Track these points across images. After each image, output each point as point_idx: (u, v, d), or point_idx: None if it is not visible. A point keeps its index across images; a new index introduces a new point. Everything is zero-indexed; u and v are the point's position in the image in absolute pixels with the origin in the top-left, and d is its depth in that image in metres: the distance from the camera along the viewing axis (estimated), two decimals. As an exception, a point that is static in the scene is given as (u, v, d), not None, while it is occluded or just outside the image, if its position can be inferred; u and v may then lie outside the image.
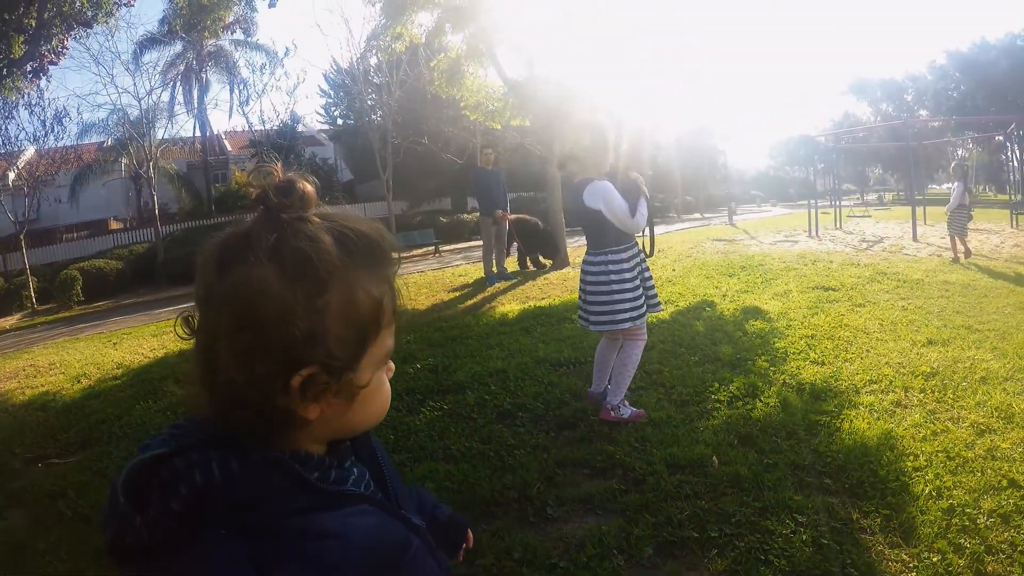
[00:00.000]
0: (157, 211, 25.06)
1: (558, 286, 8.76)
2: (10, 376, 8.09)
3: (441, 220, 26.96)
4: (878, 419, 3.46)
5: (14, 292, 23.40)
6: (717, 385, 4.02)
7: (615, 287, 3.58)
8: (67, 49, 9.56)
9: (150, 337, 9.71)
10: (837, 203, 16.06)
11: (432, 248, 22.09)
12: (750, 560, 2.34)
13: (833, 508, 2.64)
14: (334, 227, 0.76)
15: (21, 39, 8.50)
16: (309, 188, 0.78)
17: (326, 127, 35.60)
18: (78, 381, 7.05)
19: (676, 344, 5.12)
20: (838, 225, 14.24)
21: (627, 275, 3.59)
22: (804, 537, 2.44)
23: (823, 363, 4.47)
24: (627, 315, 3.56)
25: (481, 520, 2.78)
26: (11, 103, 17.45)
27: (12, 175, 24.29)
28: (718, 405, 3.72)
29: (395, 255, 0.82)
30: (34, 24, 8.49)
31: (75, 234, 29.25)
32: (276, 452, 0.74)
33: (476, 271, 11.62)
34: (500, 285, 9.73)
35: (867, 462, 2.97)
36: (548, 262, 11.14)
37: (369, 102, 27.42)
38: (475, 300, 8.83)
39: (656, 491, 2.81)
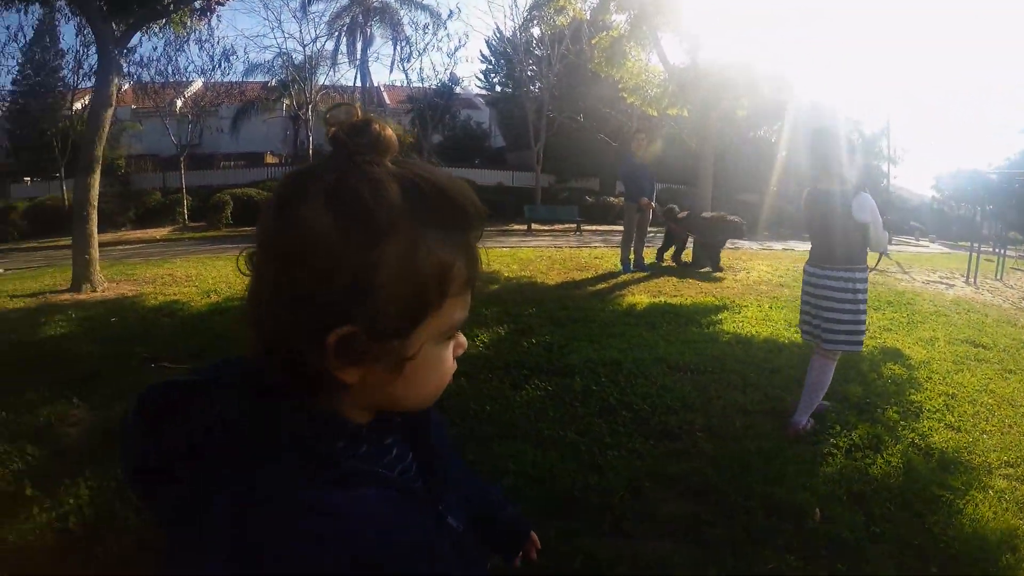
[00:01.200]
0: (311, 151, 26.52)
1: (692, 287, 8.45)
2: (148, 281, 8.81)
3: (587, 199, 26.66)
4: (1006, 510, 2.97)
5: (169, 207, 25.97)
6: (839, 428, 3.67)
7: (861, 306, 3.54)
8: None
9: (283, 264, 10.29)
10: (1002, 251, 14.51)
11: (574, 226, 21.94)
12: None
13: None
14: (407, 175, 0.67)
15: None
16: (388, 132, 0.69)
17: (484, 92, 36.02)
18: (208, 296, 7.56)
19: (804, 371, 4.75)
20: (999, 276, 12.81)
21: (865, 294, 3.56)
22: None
23: (959, 429, 3.94)
24: (863, 336, 3.60)
25: (555, 516, 2.69)
26: (181, 37, 18.90)
27: (179, 103, 26.54)
28: (835, 451, 3.38)
29: (478, 218, 0.71)
30: None
31: (232, 163, 31.78)
32: (296, 409, 0.67)
33: (613, 256, 11.43)
34: (634, 274, 9.55)
35: (983, 559, 2.56)
36: (688, 259, 10.74)
37: (529, 73, 27.64)
38: (606, 285, 8.70)
39: (745, 532, 2.58)
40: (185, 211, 25.45)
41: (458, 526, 0.83)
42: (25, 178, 31.88)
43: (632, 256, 9.95)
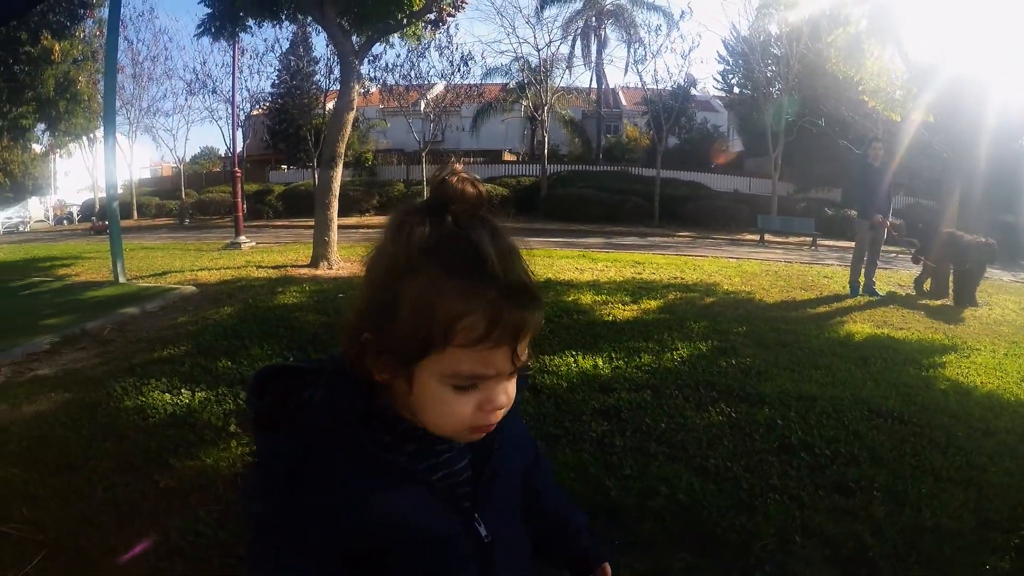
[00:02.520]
0: (547, 151, 27.44)
1: (923, 321, 7.58)
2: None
3: (826, 212, 24.79)
4: None
5: (409, 198, 28.23)
6: None
7: None
8: (466, 3, 10.76)
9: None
10: None
11: (809, 240, 20.55)
12: None
13: None
14: (452, 231, 0.77)
15: None
16: (463, 188, 0.78)
17: (721, 94, 34.64)
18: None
19: (1022, 440, 4.06)
20: None
21: None
22: None
23: None
24: None
25: (686, 547, 2.63)
26: (421, 45, 20.51)
27: (423, 103, 28.84)
28: None
29: (505, 281, 0.76)
30: None
31: (472, 159, 33.98)
32: (354, 402, 0.83)
33: (844, 276, 10.59)
34: (862, 299, 8.79)
35: None
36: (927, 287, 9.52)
37: (768, 73, 26.26)
38: (827, 308, 8.12)
39: None
40: (424, 202, 27.69)
41: (487, 536, 0.91)
42: (282, 166, 37.06)
43: (862, 279, 9.12)
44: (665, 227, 24.44)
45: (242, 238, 16.00)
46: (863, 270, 9.18)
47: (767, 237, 21.21)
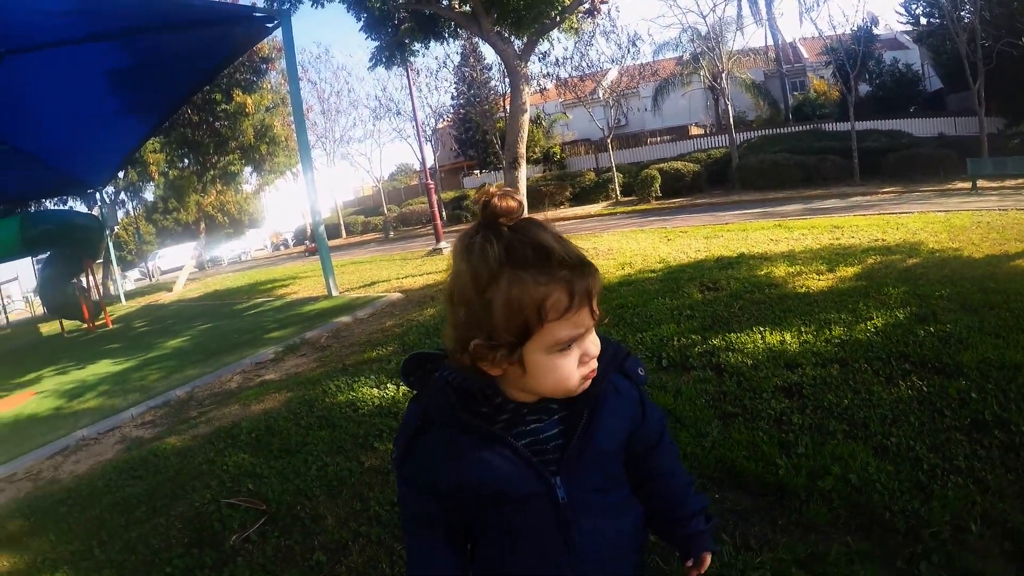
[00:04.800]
0: (732, 119, 25.89)
1: None
2: None
3: None
4: None
5: (602, 185, 28.43)
6: None
7: None
8: None
9: (701, 238, 10.39)
10: None
11: None
12: None
13: None
14: (513, 237, 0.94)
15: None
16: (506, 204, 0.94)
17: (908, 28, 29.68)
18: (622, 268, 8.10)
19: None
20: None
21: None
22: None
23: None
24: None
25: (852, 532, 2.51)
26: (587, 34, 20.20)
27: (600, 91, 28.34)
28: None
29: (565, 261, 0.94)
30: None
31: (659, 138, 32.66)
32: (462, 380, 1.03)
33: (1080, 221, 9.17)
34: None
35: None
36: None
37: None
38: (1051, 263, 7.06)
39: None
40: (617, 187, 27.46)
41: (564, 498, 1.05)
42: (475, 171, 38.48)
43: None
44: (867, 184, 21.99)
45: (443, 244, 16.84)
46: None
47: (980, 183, 18.26)
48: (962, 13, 22.78)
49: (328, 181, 38.81)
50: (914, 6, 28.10)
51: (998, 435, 3.18)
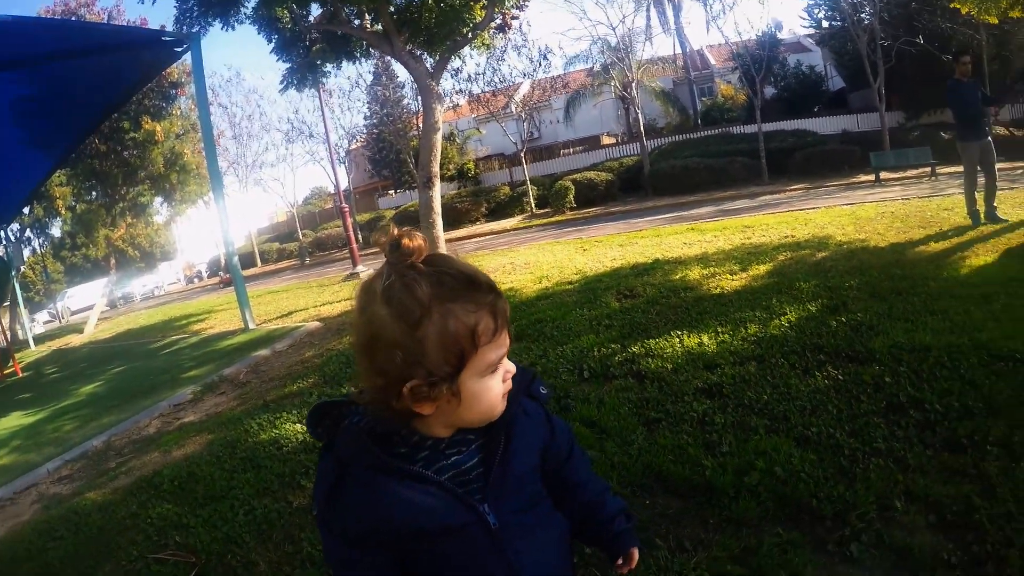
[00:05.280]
0: (643, 127, 26.90)
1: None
2: (491, 271, 9.85)
3: (942, 136, 22.28)
4: None
5: (516, 199, 28.99)
6: None
7: None
8: (527, 3, 10.77)
9: (616, 247, 10.63)
10: None
11: (927, 169, 18.85)
12: None
13: None
14: (433, 272, 0.96)
15: (480, 5, 9.89)
16: (413, 243, 0.96)
17: (810, 31, 32.37)
18: (539, 281, 8.19)
19: None
20: None
21: None
22: None
23: None
24: None
25: (779, 522, 2.57)
26: (499, 49, 20.87)
27: (513, 106, 29.08)
28: None
29: (489, 286, 0.99)
30: None
31: (571, 149, 33.81)
32: (374, 425, 1.03)
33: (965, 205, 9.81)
34: (985, 228, 8.05)
35: None
36: None
37: None
38: (948, 244, 7.47)
39: None
40: (532, 200, 27.99)
41: (495, 523, 1.07)
42: (389, 192, 38.53)
43: (982, 206, 8.31)
44: (775, 183, 23.16)
45: (359, 267, 16.73)
46: (980, 196, 8.41)
47: (882, 175, 19.57)
48: (862, 15, 24.88)
49: (241, 208, 37.97)
50: (816, 10, 30.46)
51: (914, 415, 3.34)
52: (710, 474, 2.95)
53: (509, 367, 1.06)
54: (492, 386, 1.02)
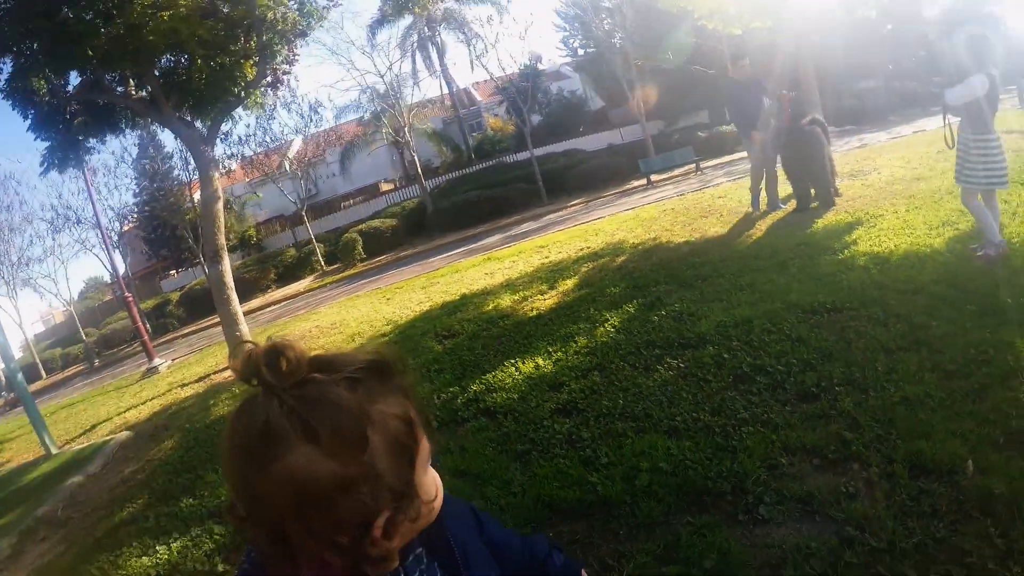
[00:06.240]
0: (420, 169, 27.84)
1: (821, 211, 7.92)
2: (298, 339, 9.36)
3: (699, 135, 26.07)
4: None
5: (304, 259, 28.44)
6: (992, 352, 3.26)
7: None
8: (297, 56, 10.82)
9: (419, 290, 10.62)
10: None
11: (692, 166, 21.57)
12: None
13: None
14: (338, 377, 0.77)
15: (250, 63, 9.78)
16: (295, 353, 0.76)
17: (568, 59, 36.09)
18: (353, 340, 7.97)
19: (950, 286, 4.34)
20: None
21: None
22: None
23: None
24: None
25: (688, 511, 2.67)
26: (270, 107, 20.68)
27: (287, 164, 28.88)
28: (989, 381, 3.01)
29: (401, 365, 0.84)
30: (255, 46, 9.78)
31: (352, 200, 34.06)
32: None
33: (736, 191, 11.02)
34: (761, 207, 9.07)
35: None
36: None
37: (605, 27, 27.88)
38: (731, 228, 8.39)
39: (888, 501, 2.39)
40: (320, 258, 27.52)
41: None
42: (171, 272, 36.01)
43: (764, 194, 9.28)
44: (555, 202, 24.74)
45: (156, 360, 15.27)
46: (763, 186, 9.31)
47: (653, 178, 21.87)
48: (614, 41, 27.85)
49: (13, 315, 33.11)
50: (572, 40, 33.83)
51: (761, 380, 3.69)
52: (601, 489, 2.99)
53: (426, 444, 0.90)
54: (433, 472, 0.90)
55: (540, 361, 5.10)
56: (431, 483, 0.88)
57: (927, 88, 25.04)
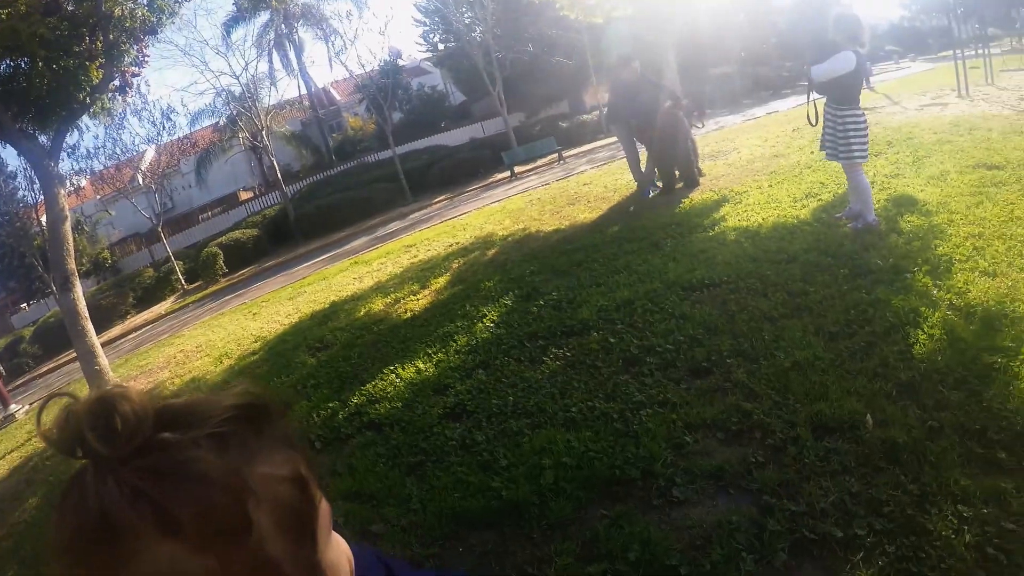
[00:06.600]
0: (279, 174, 26.93)
1: (686, 189, 8.21)
2: (162, 367, 8.82)
3: (561, 125, 26.89)
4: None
5: (163, 279, 26.84)
6: (871, 311, 3.47)
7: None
8: (147, 57, 10.11)
9: (286, 301, 10.22)
10: (986, 53, 13.82)
11: (555, 156, 22.19)
12: (900, 572, 1.94)
13: (1005, 498, 2.10)
14: (199, 435, 0.56)
15: (96, 65, 9.06)
16: (130, 406, 0.55)
17: (428, 55, 35.89)
18: (221, 362, 7.55)
19: (822, 253, 4.60)
20: (990, 80, 12.36)
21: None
22: (967, 540, 1.97)
23: (994, 274, 3.64)
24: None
25: (601, 504, 2.62)
26: (119, 115, 19.36)
27: (140, 177, 27.25)
28: (873, 339, 3.19)
29: (279, 406, 0.64)
30: (101, 46, 9.03)
31: (210, 212, 32.39)
32: None
33: (601, 177, 11.22)
34: (624, 192, 9.24)
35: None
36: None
37: (466, 20, 27.97)
38: (599, 213, 8.54)
39: (797, 464, 2.46)
40: (180, 276, 26.10)
41: None
42: (21, 306, 33.16)
43: (643, 176, 9.35)
44: (419, 199, 24.59)
45: (12, 407, 13.85)
46: (641, 171, 9.26)
47: (517, 170, 22.12)
48: (474, 35, 27.88)
49: None
50: (433, 35, 33.60)
51: (650, 360, 3.71)
52: (505, 493, 2.87)
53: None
54: (337, 537, 0.71)
55: (421, 365, 4.93)
56: (338, 554, 0.69)
57: (778, 73, 27.12)
